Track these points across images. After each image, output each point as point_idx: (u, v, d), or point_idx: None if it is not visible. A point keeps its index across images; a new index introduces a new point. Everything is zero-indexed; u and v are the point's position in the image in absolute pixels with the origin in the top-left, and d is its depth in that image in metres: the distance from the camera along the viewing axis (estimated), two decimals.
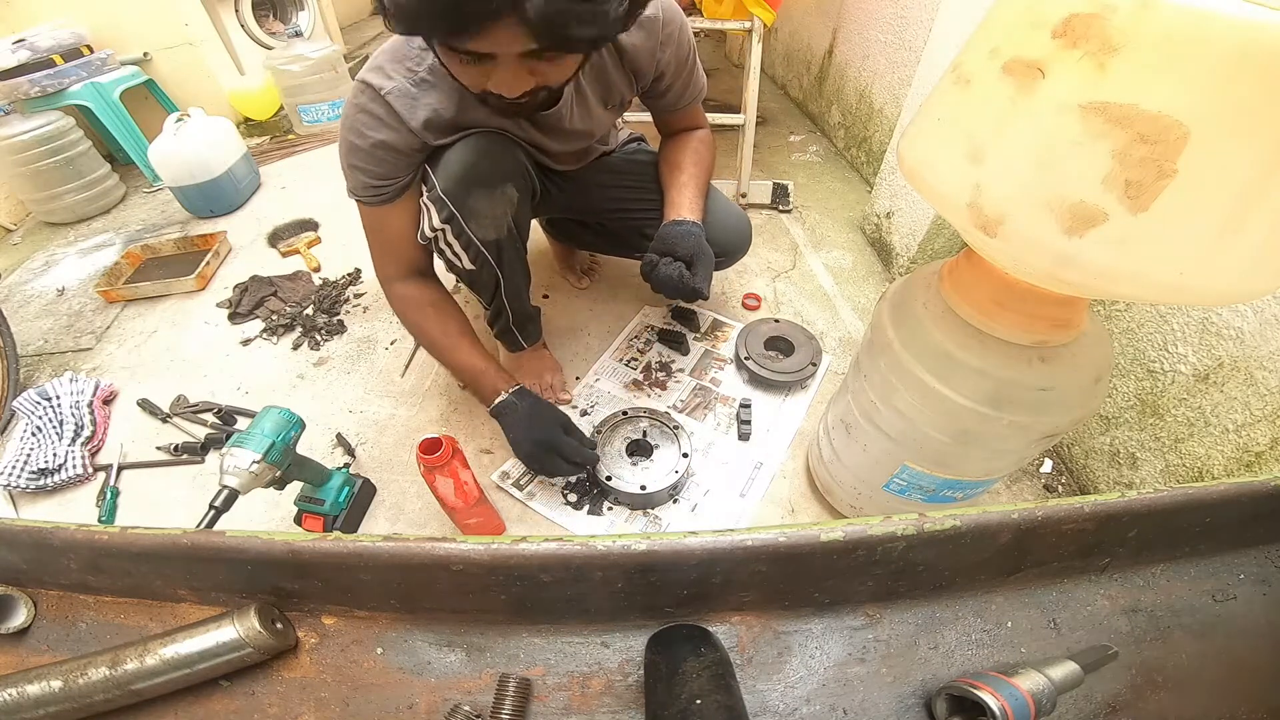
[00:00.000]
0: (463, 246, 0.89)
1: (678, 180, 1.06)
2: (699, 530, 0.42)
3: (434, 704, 0.43)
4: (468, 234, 0.87)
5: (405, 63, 0.81)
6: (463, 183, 0.84)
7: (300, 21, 2.83)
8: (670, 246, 0.98)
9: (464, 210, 0.85)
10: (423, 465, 0.80)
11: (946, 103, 0.52)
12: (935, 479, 0.77)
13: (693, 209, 1.03)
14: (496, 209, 0.88)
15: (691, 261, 0.98)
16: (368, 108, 0.80)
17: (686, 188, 1.05)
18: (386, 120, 0.80)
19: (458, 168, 0.83)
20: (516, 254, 0.98)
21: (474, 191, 0.84)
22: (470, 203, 0.85)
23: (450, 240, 0.89)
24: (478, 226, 0.87)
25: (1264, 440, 0.75)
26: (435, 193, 0.84)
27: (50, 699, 0.39)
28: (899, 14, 1.67)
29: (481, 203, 0.86)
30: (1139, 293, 0.45)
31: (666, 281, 0.98)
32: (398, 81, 0.80)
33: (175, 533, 0.42)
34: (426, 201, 0.86)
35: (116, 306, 1.59)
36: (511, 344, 1.16)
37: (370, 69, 0.81)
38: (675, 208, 1.03)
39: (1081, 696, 0.42)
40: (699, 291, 0.98)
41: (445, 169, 0.84)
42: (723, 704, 0.37)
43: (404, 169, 0.85)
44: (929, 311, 0.67)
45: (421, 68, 0.81)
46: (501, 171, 0.87)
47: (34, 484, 1.10)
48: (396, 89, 0.80)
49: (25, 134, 1.82)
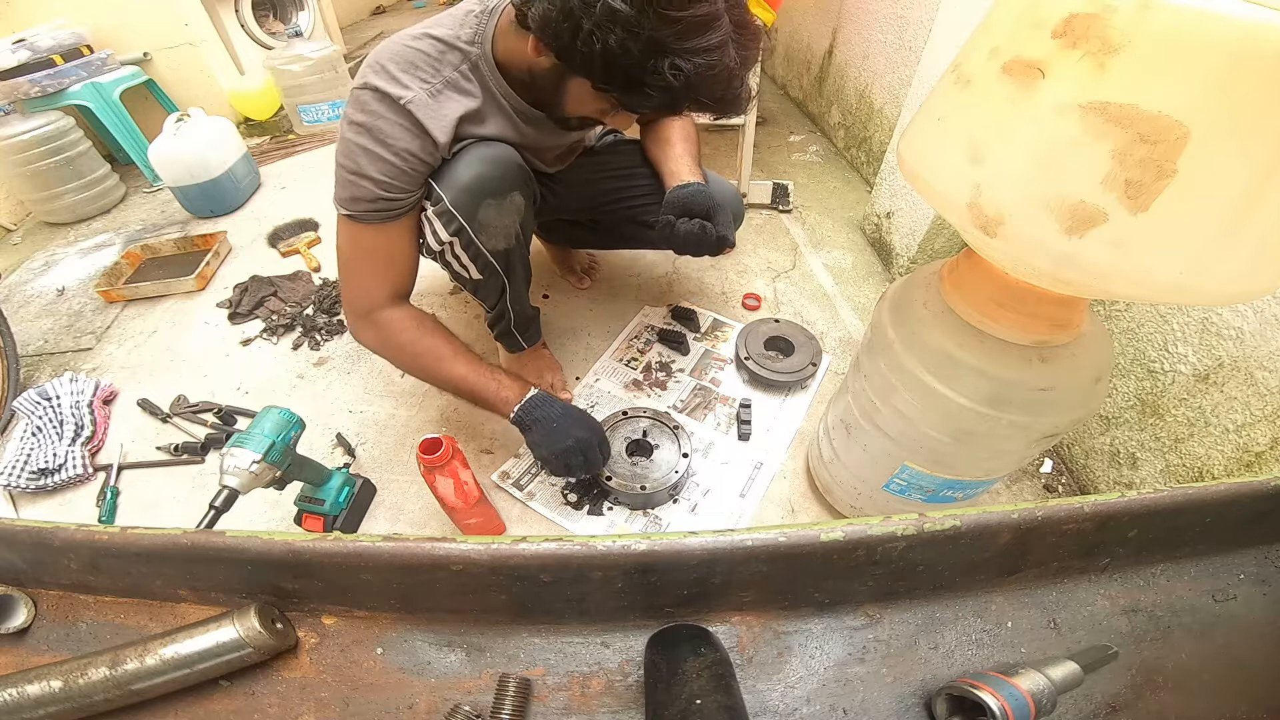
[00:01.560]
0: (471, 258, 0.88)
1: (672, 153, 1.06)
2: (699, 530, 0.42)
3: (434, 704, 0.43)
4: (477, 245, 0.86)
5: (416, 72, 0.78)
6: (472, 194, 0.82)
7: (300, 21, 2.83)
8: (685, 206, 0.96)
9: (474, 223, 0.83)
10: (423, 465, 0.80)
11: (946, 103, 0.52)
12: (935, 479, 0.77)
13: (694, 173, 1.03)
14: (505, 219, 0.87)
15: (709, 214, 0.96)
16: (388, 116, 0.76)
17: (683, 158, 1.05)
18: (412, 130, 0.77)
19: (466, 179, 0.81)
20: (522, 260, 0.97)
21: (483, 203, 0.83)
22: (480, 215, 0.83)
23: (458, 252, 0.87)
24: (487, 238, 0.86)
25: (1264, 440, 0.75)
26: (443, 205, 0.82)
27: (50, 699, 0.39)
28: (899, 14, 1.67)
29: (490, 214, 0.84)
30: (1139, 293, 0.45)
31: (689, 238, 0.94)
32: (415, 91, 0.77)
33: (175, 533, 0.42)
34: (432, 215, 0.83)
35: (116, 306, 1.59)
36: (512, 345, 1.16)
37: (379, 77, 0.77)
38: (676, 175, 1.02)
39: (1081, 696, 0.42)
40: (725, 239, 0.95)
41: (452, 181, 0.81)
42: (723, 704, 0.37)
43: (418, 183, 0.82)
44: (929, 311, 0.67)
45: (437, 79, 0.79)
46: (509, 181, 0.85)
47: (34, 484, 1.10)
48: (417, 99, 0.77)
49: (25, 134, 1.82)
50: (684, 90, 0.65)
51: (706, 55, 0.63)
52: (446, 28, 0.81)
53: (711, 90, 0.68)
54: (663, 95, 0.66)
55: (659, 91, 0.66)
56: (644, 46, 0.62)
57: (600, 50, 0.63)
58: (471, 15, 0.82)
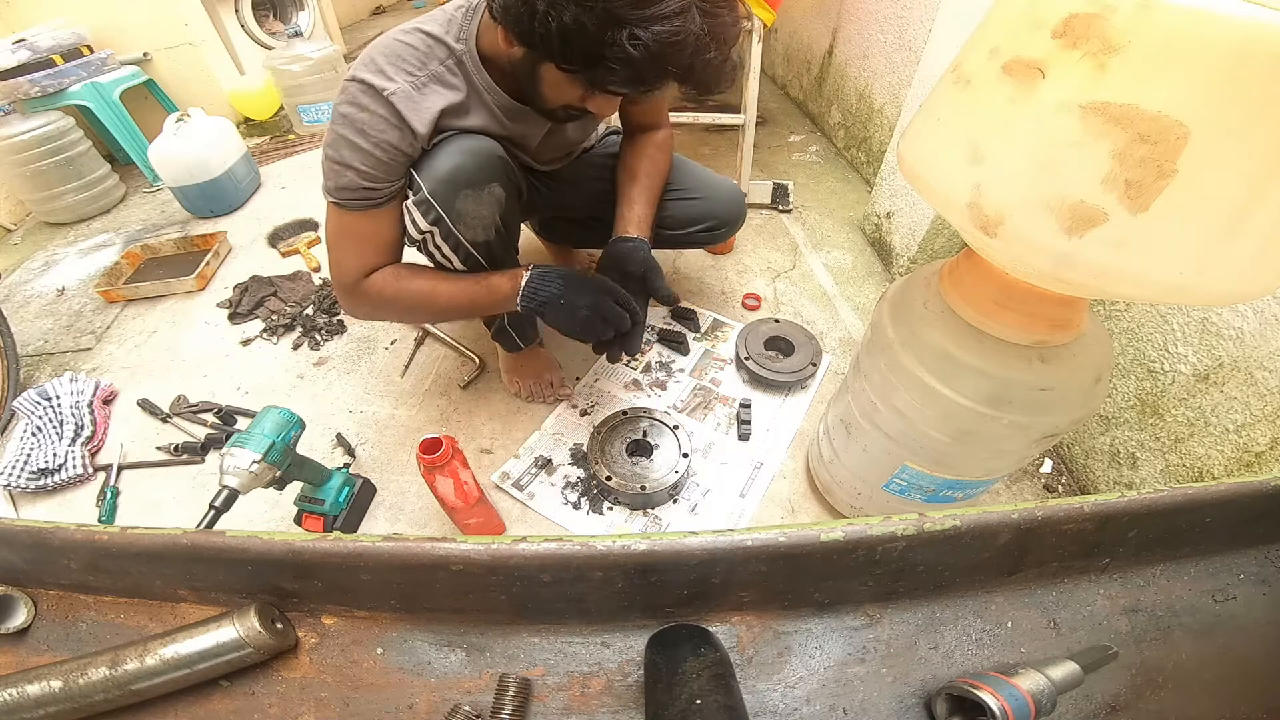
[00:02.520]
0: (451, 249, 0.89)
1: (629, 194, 1.06)
2: (699, 530, 0.42)
3: (434, 704, 0.43)
4: (456, 236, 0.87)
5: (403, 65, 0.80)
6: (449, 184, 0.83)
7: (300, 21, 2.83)
8: (620, 263, 0.98)
9: (451, 213, 0.84)
10: (423, 465, 0.80)
11: (946, 103, 0.52)
12: (935, 479, 0.77)
13: (640, 225, 1.03)
14: (484, 210, 0.87)
15: (644, 274, 0.99)
16: (370, 108, 0.79)
17: (636, 202, 1.05)
18: (392, 121, 0.79)
19: (444, 170, 0.82)
20: (507, 253, 0.97)
21: (460, 193, 0.84)
22: (457, 205, 0.84)
23: (439, 243, 0.88)
24: (466, 229, 0.87)
25: (1264, 440, 0.75)
26: (421, 195, 0.83)
27: (50, 699, 0.39)
28: (899, 14, 1.67)
29: (468, 204, 0.85)
30: (1139, 293, 0.45)
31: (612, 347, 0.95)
32: (400, 84, 0.79)
33: (175, 533, 0.42)
34: (411, 205, 0.85)
35: (116, 306, 1.59)
36: (508, 344, 1.15)
37: (367, 69, 0.79)
38: (623, 223, 1.03)
39: (1081, 696, 0.42)
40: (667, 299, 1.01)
41: (431, 171, 0.83)
42: (723, 704, 0.37)
43: (400, 173, 0.84)
44: (929, 311, 0.67)
45: (423, 72, 0.81)
46: (487, 172, 0.86)
47: (34, 484, 1.10)
48: (400, 91, 0.79)
49: (25, 134, 1.82)
50: (646, 61, 0.64)
51: (666, 23, 0.62)
52: (437, 23, 0.83)
53: (678, 59, 0.66)
54: (625, 68, 0.65)
55: (621, 64, 0.64)
56: (598, 20, 0.61)
57: (557, 29, 0.63)
58: (460, 12, 0.83)
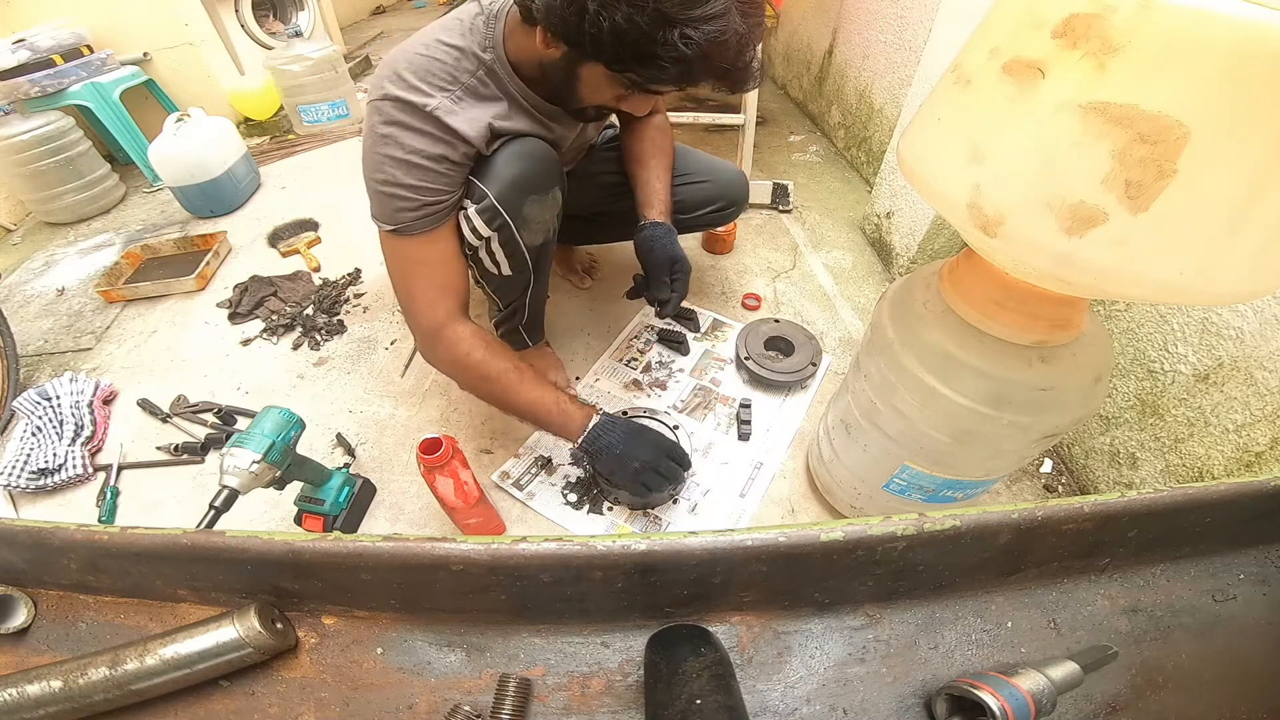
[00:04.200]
0: (507, 254, 0.88)
1: (643, 177, 1.08)
2: (699, 530, 0.42)
3: (434, 704, 0.43)
4: (516, 241, 0.86)
5: (433, 80, 0.77)
6: (517, 189, 0.82)
7: (300, 21, 2.83)
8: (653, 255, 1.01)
9: (518, 219, 0.84)
10: (423, 465, 0.80)
11: (946, 103, 0.52)
12: (935, 479, 0.77)
13: (662, 203, 1.06)
14: (546, 214, 0.88)
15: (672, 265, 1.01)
16: (415, 125, 0.76)
17: (654, 181, 1.07)
18: (440, 135, 0.77)
19: (510, 175, 0.81)
20: (549, 256, 0.98)
21: (528, 199, 0.83)
22: (525, 210, 0.84)
23: (494, 249, 0.87)
24: (529, 233, 0.86)
25: (1264, 440, 0.75)
26: (487, 202, 0.81)
27: (50, 699, 0.39)
28: (899, 14, 1.67)
29: (535, 209, 0.85)
30: (1139, 293, 0.45)
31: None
32: (438, 99, 0.77)
33: (175, 533, 0.42)
34: (473, 213, 0.83)
35: (116, 306, 1.59)
36: (517, 343, 1.16)
37: (398, 86, 0.76)
38: (645, 206, 1.06)
39: (1081, 696, 0.42)
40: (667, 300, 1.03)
41: (497, 177, 0.81)
42: (723, 704, 0.37)
43: (457, 184, 0.82)
44: (929, 311, 0.67)
45: (456, 87, 0.79)
46: (551, 176, 0.86)
47: (34, 484, 1.10)
48: (442, 105, 0.77)
49: (25, 134, 1.82)
50: (698, 60, 0.66)
51: (714, 22, 0.64)
52: (456, 33, 0.80)
53: (724, 57, 0.68)
54: (678, 67, 0.67)
55: (673, 63, 0.66)
56: (650, 19, 0.63)
57: (609, 29, 0.64)
58: (479, 20, 0.81)
